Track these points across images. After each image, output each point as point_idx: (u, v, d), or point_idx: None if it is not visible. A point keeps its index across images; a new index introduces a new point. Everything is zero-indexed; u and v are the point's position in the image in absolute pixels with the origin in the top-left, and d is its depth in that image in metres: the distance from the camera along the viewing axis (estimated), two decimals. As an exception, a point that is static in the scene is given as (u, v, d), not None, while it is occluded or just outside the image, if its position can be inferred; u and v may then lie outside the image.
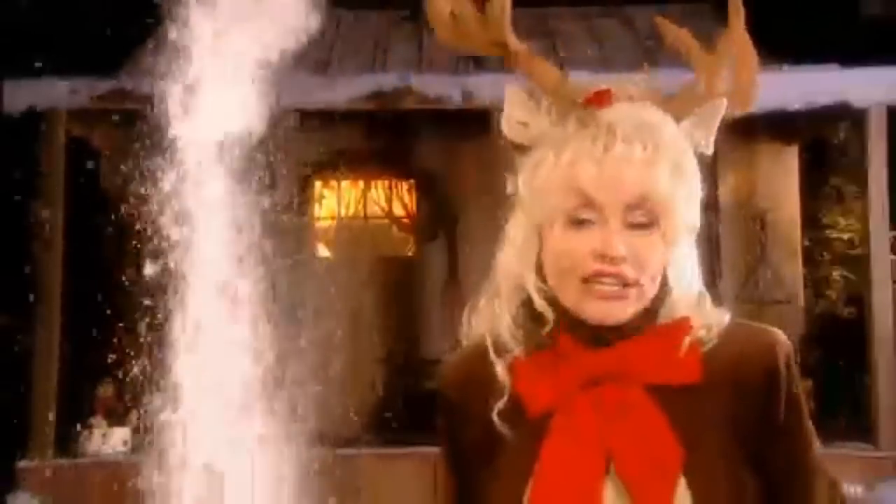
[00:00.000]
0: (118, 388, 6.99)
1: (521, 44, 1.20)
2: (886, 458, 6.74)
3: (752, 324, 1.15)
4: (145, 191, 7.58)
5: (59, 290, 6.92)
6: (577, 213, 1.08)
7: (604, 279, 1.07)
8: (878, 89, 6.99)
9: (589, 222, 1.08)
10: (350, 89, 7.15)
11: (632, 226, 1.07)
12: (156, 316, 7.27)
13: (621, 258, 1.06)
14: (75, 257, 7.11)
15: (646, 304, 1.10)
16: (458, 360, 1.24)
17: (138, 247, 7.42)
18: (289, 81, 7.41)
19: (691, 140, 1.14)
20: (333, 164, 8.12)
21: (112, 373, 7.08)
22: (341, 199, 8.61)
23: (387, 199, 8.55)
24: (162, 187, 7.63)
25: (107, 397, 6.92)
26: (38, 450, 6.73)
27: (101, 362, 7.14)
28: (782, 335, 1.13)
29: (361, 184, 8.58)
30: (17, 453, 6.80)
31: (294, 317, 7.35)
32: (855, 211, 8.32)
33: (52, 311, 6.88)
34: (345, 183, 8.58)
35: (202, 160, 7.98)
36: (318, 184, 8.46)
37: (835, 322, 8.36)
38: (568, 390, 1.09)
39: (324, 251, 8.65)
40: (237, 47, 6.90)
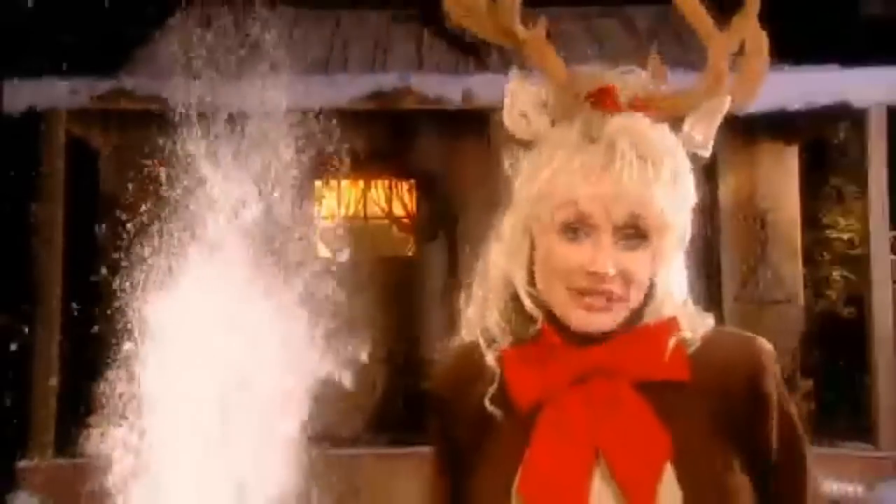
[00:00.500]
0: (118, 388, 6.99)
1: (530, 31, 1.19)
2: (886, 458, 6.74)
3: (738, 331, 1.18)
4: (145, 191, 7.60)
5: (59, 290, 6.91)
6: (571, 225, 1.09)
7: (591, 294, 1.08)
8: (878, 89, 6.99)
9: (581, 235, 1.08)
10: (350, 89, 7.15)
11: (623, 242, 1.08)
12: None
13: (608, 276, 1.07)
14: (75, 257, 7.11)
15: (628, 314, 1.12)
16: (448, 359, 1.27)
17: (138, 246, 7.43)
18: (289, 81, 7.42)
19: (690, 142, 1.15)
20: (333, 165, 8.12)
21: (112, 373, 7.09)
22: (341, 199, 8.61)
23: (387, 199, 8.56)
24: (162, 187, 7.64)
25: (107, 397, 6.92)
26: (38, 450, 6.73)
27: (101, 362, 7.15)
28: (767, 343, 1.15)
29: (361, 184, 8.58)
30: (17, 453, 6.80)
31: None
32: (855, 211, 8.32)
33: (52, 311, 6.88)
34: (345, 183, 8.58)
35: (202, 160, 7.99)
36: (318, 184, 8.46)
37: (835, 322, 8.36)
38: (556, 385, 1.11)
39: (324, 251, 8.65)
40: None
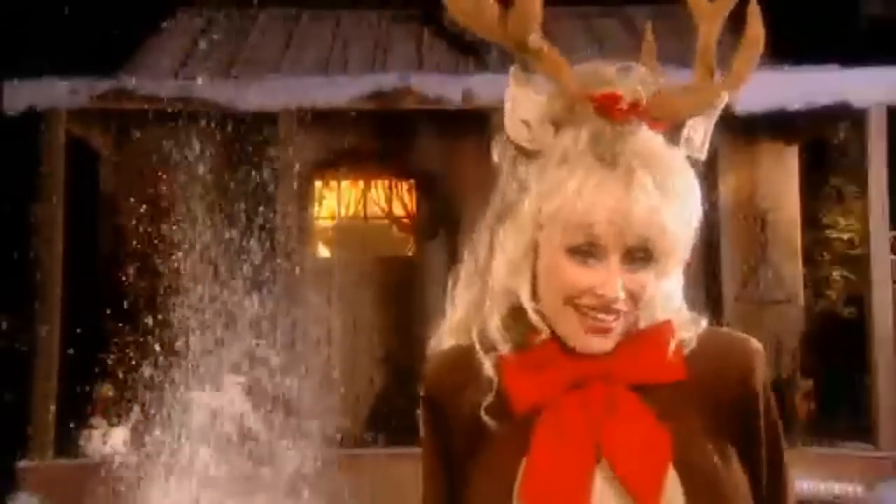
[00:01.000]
0: (118, 388, 6.99)
1: (547, 44, 1.15)
2: (886, 458, 6.74)
3: (731, 331, 1.19)
4: (145, 191, 7.60)
5: (59, 290, 6.91)
6: (580, 246, 1.08)
7: (596, 312, 1.09)
8: (878, 89, 6.99)
9: (591, 256, 1.08)
10: (350, 89, 7.15)
11: (630, 264, 1.08)
12: (155, 316, 7.28)
13: (621, 298, 1.08)
14: (75, 257, 7.11)
15: (627, 325, 1.13)
16: (443, 357, 1.25)
17: (138, 246, 7.44)
18: (289, 81, 7.43)
19: (689, 146, 1.14)
20: (333, 164, 8.12)
21: (112, 373, 7.09)
22: (341, 199, 8.61)
23: (387, 199, 8.55)
24: (161, 187, 7.64)
25: (107, 397, 6.93)
26: (38, 450, 6.73)
27: (101, 362, 7.15)
28: (759, 345, 1.16)
29: (361, 184, 8.57)
30: (17, 453, 6.80)
31: (294, 317, 7.35)
32: (855, 211, 8.32)
33: (52, 311, 6.88)
34: (345, 183, 8.58)
35: (202, 160, 8.00)
36: (318, 184, 8.46)
37: (835, 322, 8.36)
38: (554, 390, 1.11)
39: (324, 251, 8.65)
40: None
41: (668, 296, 1.15)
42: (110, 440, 6.72)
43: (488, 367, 1.15)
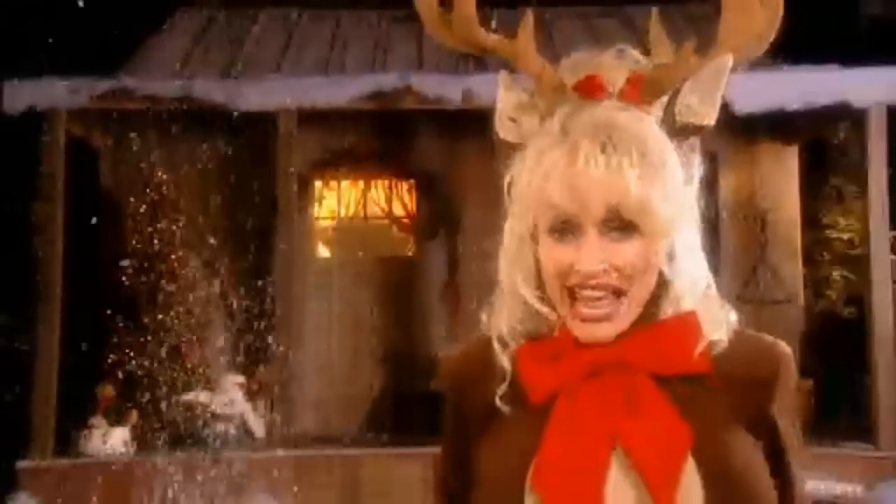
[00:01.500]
0: (118, 388, 6.99)
1: (495, 36, 1.18)
2: (886, 458, 6.74)
3: (759, 334, 1.17)
4: (145, 190, 7.60)
5: (59, 290, 6.91)
6: (557, 226, 1.09)
7: (588, 290, 1.08)
8: (878, 89, 6.99)
9: (568, 233, 1.08)
10: (350, 89, 7.14)
11: (611, 234, 1.07)
12: (156, 316, 7.28)
13: (600, 271, 1.07)
14: (75, 257, 7.11)
15: (639, 310, 1.10)
16: (461, 348, 1.27)
17: (138, 246, 7.44)
18: (289, 81, 7.43)
19: (688, 111, 1.12)
20: (333, 164, 8.12)
21: (112, 373, 7.09)
22: (341, 199, 8.61)
23: (387, 199, 8.55)
24: (161, 187, 7.64)
25: (107, 397, 6.93)
26: (38, 450, 6.73)
27: (101, 362, 7.14)
28: (787, 349, 1.15)
29: (361, 184, 8.57)
30: (17, 453, 6.80)
31: (294, 316, 7.35)
32: (855, 211, 8.32)
33: (52, 311, 6.88)
34: (345, 183, 8.58)
35: (202, 160, 8.00)
36: (318, 184, 8.46)
37: (835, 322, 8.36)
38: (571, 378, 1.11)
39: (324, 251, 8.65)
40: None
41: (682, 276, 1.12)
42: (110, 440, 6.72)
43: (503, 358, 1.15)
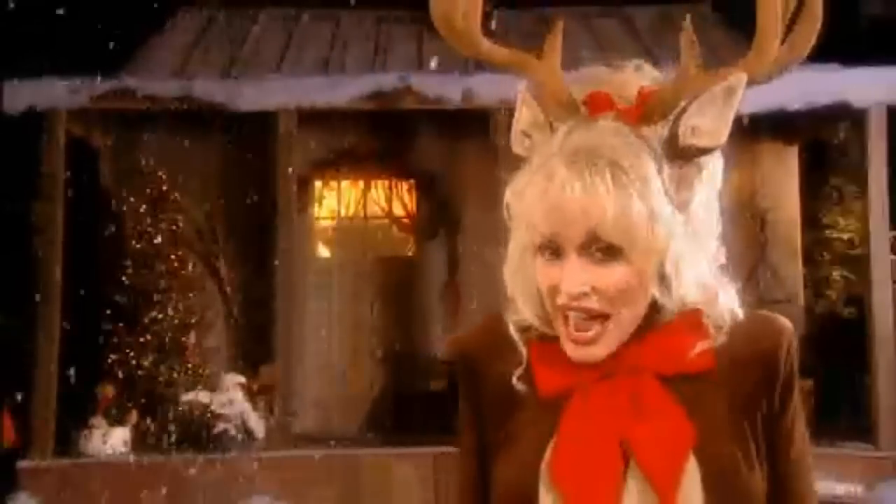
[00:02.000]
0: (118, 388, 6.99)
1: (504, 49, 1.18)
2: (886, 458, 6.74)
3: (757, 313, 1.18)
4: (145, 190, 7.60)
5: (59, 290, 6.91)
6: (543, 245, 1.09)
7: (573, 312, 1.08)
8: (878, 89, 6.99)
9: (556, 254, 1.08)
10: (350, 89, 7.14)
11: (594, 257, 1.06)
12: (155, 316, 7.28)
13: (581, 294, 1.07)
14: (75, 257, 7.11)
15: (630, 332, 1.10)
16: (481, 323, 1.27)
17: (138, 246, 7.44)
18: (289, 81, 7.43)
19: (690, 133, 1.09)
20: (333, 164, 8.12)
21: (112, 373, 7.09)
22: (341, 199, 8.61)
23: (387, 199, 8.55)
24: (161, 187, 7.64)
25: (107, 397, 6.93)
26: (38, 450, 6.73)
27: (101, 362, 7.15)
28: (787, 323, 1.16)
29: (361, 184, 8.57)
30: (17, 453, 6.80)
31: (294, 316, 7.35)
32: (855, 211, 8.31)
33: (53, 311, 6.88)
34: (345, 183, 8.58)
35: (202, 160, 8.00)
36: (318, 184, 8.46)
37: (835, 322, 8.35)
38: (582, 379, 1.12)
39: (324, 251, 8.65)
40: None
41: (700, 284, 1.11)
42: (110, 440, 6.72)
43: (520, 340, 1.16)
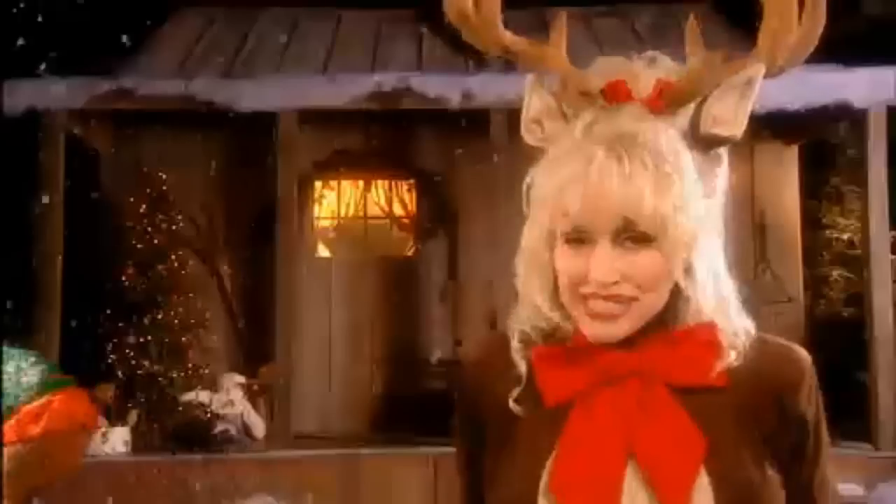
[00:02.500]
0: (118, 388, 6.99)
1: (520, 38, 1.18)
2: (886, 458, 6.74)
3: (777, 340, 1.16)
4: (144, 190, 7.60)
5: (59, 289, 6.91)
6: (571, 234, 1.08)
7: (599, 300, 1.07)
8: (878, 89, 6.99)
9: (583, 243, 1.07)
10: (350, 89, 7.14)
11: (625, 246, 1.06)
12: (155, 316, 7.27)
13: (611, 283, 1.06)
14: (75, 257, 7.11)
15: (650, 316, 1.09)
16: (481, 344, 1.28)
17: (138, 246, 7.43)
18: (289, 81, 7.42)
19: (711, 122, 1.10)
20: (333, 164, 8.12)
21: (112, 373, 7.09)
22: (341, 199, 8.61)
23: (387, 199, 8.55)
24: (161, 187, 7.64)
25: (107, 397, 6.92)
26: (37, 450, 6.71)
27: (101, 362, 7.14)
28: (805, 354, 1.14)
29: (361, 184, 8.57)
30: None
31: (294, 316, 7.35)
32: (855, 211, 8.31)
33: (52, 311, 6.87)
34: (345, 183, 8.58)
35: (201, 160, 7.99)
36: (318, 184, 8.46)
37: (835, 322, 8.35)
38: (587, 386, 1.10)
39: (324, 251, 8.65)
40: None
41: (711, 293, 1.10)
42: (110, 440, 6.72)
43: (520, 358, 1.15)
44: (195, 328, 7.55)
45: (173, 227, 7.62)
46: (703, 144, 1.11)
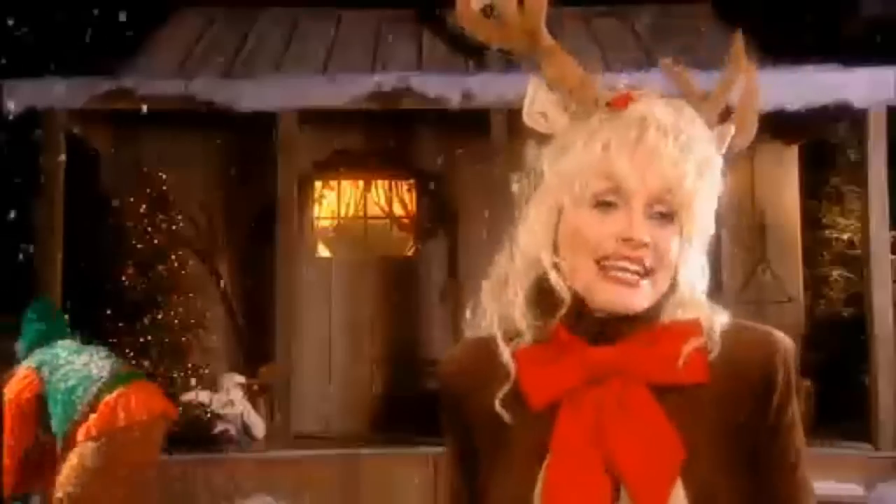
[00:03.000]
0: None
1: (552, 39, 1.22)
2: (886, 458, 6.74)
3: (754, 325, 1.16)
4: (145, 190, 7.60)
5: (59, 290, 6.91)
6: (605, 196, 1.10)
7: (623, 262, 1.08)
8: (878, 89, 6.99)
9: (615, 206, 1.09)
10: (350, 89, 7.14)
11: (652, 215, 1.09)
12: (155, 316, 7.27)
13: (644, 244, 1.08)
14: (75, 257, 7.11)
15: (657, 299, 1.11)
16: (461, 349, 1.26)
17: (138, 246, 7.43)
18: (289, 81, 7.43)
19: (726, 140, 1.20)
20: (333, 164, 8.12)
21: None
22: (341, 199, 8.61)
23: (387, 199, 8.55)
24: (161, 187, 7.64)
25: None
26: (38, 450, 6.72)
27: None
28: (784, 337, 1.14)
29: (361, 184, 8.57)
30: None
31: (294, 316, 7.35)
32: (855, 211, 8.31)
33: (52, 311, 6.87)
34: (345, 183, 8.58)
35: (201, 160, 8.00)
36: (318, 184, 8.46)
37: (835, 322, 8.35)
38: (571, 385, 1.10)
39: (324, 251, 8.65)
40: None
41: (690, 275, 1.13)
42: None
43: (507, 356, 1.14)
44: (195, 328, 7.55)
45: (173, 227, 7.62)
46: None
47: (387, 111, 7.35)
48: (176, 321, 7.36)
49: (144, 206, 7.53)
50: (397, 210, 8.54)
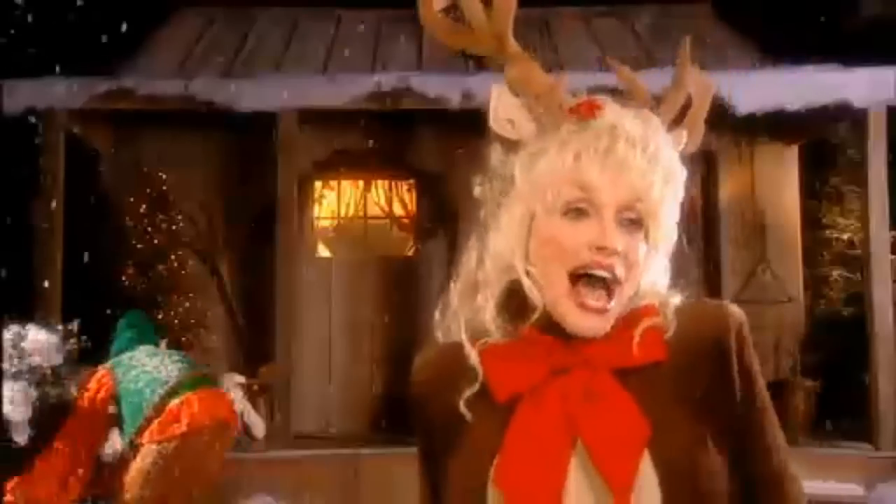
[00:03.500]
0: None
1: (518, 45, 1.24)
2: (886, 458, 6.74)
3: (707, 301, 1.20)
4: (145, 190, 7.60)
5: (60, 289, 6.91)
6: (576, 204, 1.12)
7: (595, 270, 1.10)
8: (878, 89, 6.99)
9: (585, 214, 1.12)
10: (350, 89, 7.14)
11: (622, 222, 1.12)
12: (155, 315, 7.27)
13: (615, 252, 1.10)
14: (75, 257, 7.11)
15: (621, 310, 1.14)
16: (429, 355, 1.31)
17: (138, 246, 7.43)
18: (289, 81, 7.43)
19: (680, 144, 1.22)
20: (333, 164, 8.12)
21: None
22: (341, 199, 8.61)
23: (387, 199, 8.55)
24: (161, 187, 7.64)
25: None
26: (37, 450, 6.72)
27: (100, 362, 7.13)
28: (735, 308, 1.16)
29: (361, 184, 8.57)
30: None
31: (294, 316, 7.35)
32: (855, 211, 8.31)
33: (52, 311, 6.87)
34: (345, 183, 8.58)
35: (201, 160, 7.99)
36: (318, 184, 8.46)
37: (835, 322, 8.35)
38: (536, 377, 1.13)
39: (324, 251, 8.65)
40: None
41: (654, 284, 1.18)
42: (110, 440, 6.71)
43: (474, 358, 1.17)
44: (195, 328, 7.55)
45: (173, 227, 7.62)
46: None
47: (387, 111, 7.35)
48: (176, 321, 7.36)
49: (144, 205, 7.53)
50: (397, 210, 8.54)
